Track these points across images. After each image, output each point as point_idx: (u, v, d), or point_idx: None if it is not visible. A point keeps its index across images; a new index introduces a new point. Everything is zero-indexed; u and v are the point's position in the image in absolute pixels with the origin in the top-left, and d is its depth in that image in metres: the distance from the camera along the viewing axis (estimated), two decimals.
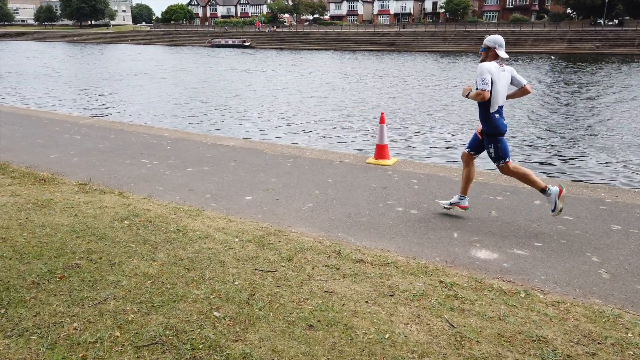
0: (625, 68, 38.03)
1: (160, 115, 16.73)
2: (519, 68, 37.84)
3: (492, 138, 4.62)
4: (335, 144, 12.27)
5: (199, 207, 5.26)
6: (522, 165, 6.90)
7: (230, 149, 8.23)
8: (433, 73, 34.34)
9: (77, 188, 5.65)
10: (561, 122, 15.50)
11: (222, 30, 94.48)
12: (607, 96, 22.14)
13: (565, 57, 55.47)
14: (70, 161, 7.19)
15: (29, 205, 4.79)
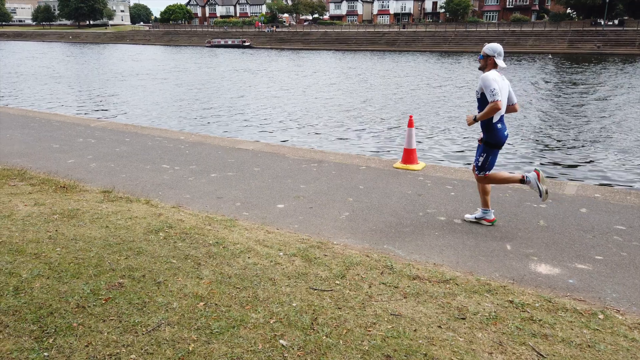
0: (630, 68, 37.87)
1: (168, 117, 16.47)
2: (522, 69, 37.69)
3: (489, 148, 4.60)
4: (350, 146, 12.04)
5: (231, 216, 5.02)
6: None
7: (251, 152, 7.99)
8: (437, 73, 34.14)
9: (102, 196, 5.40)
10: (575, 124, 15.30)
11: (222, 30, 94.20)
12: (618, 97, 21.94)
13: (567, 57, 55.35)
14: (88, 166, 6.94)
15: (55, 216, 4.54)
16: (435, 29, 78.78)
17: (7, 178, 5.98)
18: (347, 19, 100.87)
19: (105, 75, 32.34)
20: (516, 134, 13.67)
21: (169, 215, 4.79)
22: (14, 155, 7.45)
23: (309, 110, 17.96)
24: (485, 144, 4.59)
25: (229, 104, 19.43)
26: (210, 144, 8.69)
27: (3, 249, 3.69)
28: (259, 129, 14.37)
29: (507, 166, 10.36)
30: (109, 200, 5.25)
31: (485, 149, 4.59)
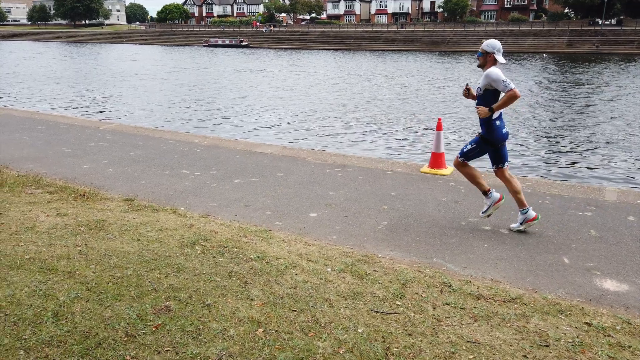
0: (632, 67, 37.77)
1: (173, 118, 16.18)
2: (522, 68, 37.56)
3: (483, 143, 4.57)
4: (363, 148, 11.79)
5: (264, 226, 4.76)
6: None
7: (270, 157, 7.73)
8: (440, 73, 33.94)
9: (125, 205, 5.13)
10: (585, 124, 15.10)
11: (219, 29, 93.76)
12: (626, 97, 21.76)
13: (566, 57, 55.29)
14: (105, 172, 6.66)
15: (82, 228, 4.27)
16: (434, 28, 78.63)
17: (23, 185, 5.70)
18: (344, 18, 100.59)
19: (104, 75, 31.98)
20: (528, 134, 13.47)
21: (200, 226, 4.52)
22: (26, 160, 7.16)
23: (316, 110, 17.69)
24: (481, 138, 4.56)
25: (233, 105, 19.15)
26: (226, 147, 8.42)
27: (33, 266, 3.42)
28: (268, 131, 14.10)
29: (526, 164, 10.13)
30: (133, 209, 4.98)
31: (479, 141, 4.57)
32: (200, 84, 26.81)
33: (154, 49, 73.24)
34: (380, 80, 29.06)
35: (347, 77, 30.98)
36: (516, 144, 12.31)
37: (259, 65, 41.74)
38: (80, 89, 24.50)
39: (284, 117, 16.25)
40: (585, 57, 51.65)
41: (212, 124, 15.11)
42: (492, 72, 4.30)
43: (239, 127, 14.68)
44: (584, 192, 5.90)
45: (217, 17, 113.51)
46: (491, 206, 4.70)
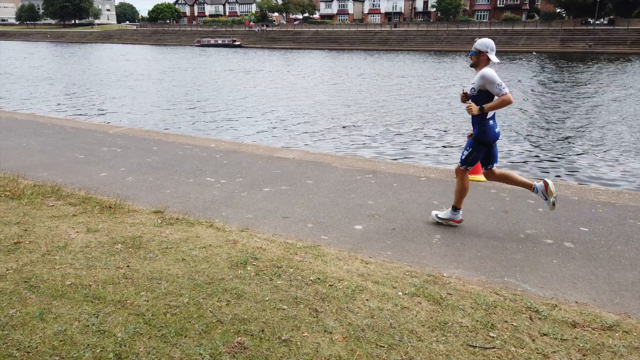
0: (630, 67, 37.83)
1: (176, 120, 15.77)
2: (519, 68, 37.49)
3: (477, 144, 4.52)
4: (377, 151, 11.48)
5: (311, 241, 4.42)
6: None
7: (294, 162, 7.38)
8: (439, 73, 33.75)
9: (156, 217, 4.77)
10: (594, 124, 14.91)
11: (211, 29, 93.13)
12: (633, 97, 21.66)
13: (560, 56, 55.44)
14: (125, 181, 6.28)
15: (118, 246, 3.91)
16: (427, 28, 78.61)
17: (42, 196, 5.32)
18: (338, 18, 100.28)
19: (99, 75, 31.41)
20: (532, 134, 13.24)
21: (244, 242, 4.18)
22: (38, 168, 6.76)
23: (321, 112, 17.35)
24: (474, 140, 4.51)
25: (235, 106, 18.76)
26: (245, 152, 8.06)
27: (77, 294, 3.06)
28: (274, 133, 13.74)
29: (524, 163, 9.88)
30: (167, 223, 4.62)
31: (473, 144, 4.52)
32: (198, 85, 26.37)
33: (146, 49, 72.50)
34: (381, 81, 28.79)
35: (347, 77, 30.68)
36: (523, 144, 12.07)
37: (254, 66, 41.33)
38: (75, 90, 23.97)
39: (289, 119, 15.90)
40: (578, 57, 51.79)
41: (218, 126, 14.73)
42: (488, 73, 4.24)
43: (244, 129, 14.31)
44: (633, 199, 5.63)
45: (209, 16, 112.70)
46: (545, 195, 4.56)
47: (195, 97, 21.21)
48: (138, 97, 21.21)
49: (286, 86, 25.90)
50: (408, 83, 27.51)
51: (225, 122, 15.37)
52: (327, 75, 32.45)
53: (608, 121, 15.61)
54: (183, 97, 21.20)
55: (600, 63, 42.39)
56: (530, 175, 9.45)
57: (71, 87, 25.17)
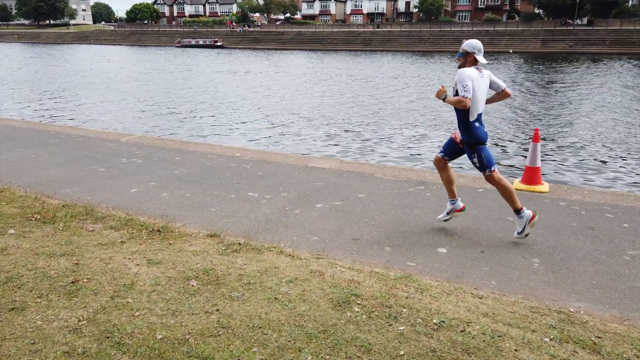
0: (619, 66, 38.20)
1: (178, 126, 15.10)
2: (502, 68, 37.57)
3: (473, 147, 4.42)
4: (392, 157, 11.04)
5: (400, 270, 3.94)
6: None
7: (332, 173, 6.87)
8: (430, 74, 33.56)
9: (215, 243, 4.23)
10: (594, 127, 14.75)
11: (192, 30, 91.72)
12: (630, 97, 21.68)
13: (541, 56, 55.95)
14: (160, 197, 5.70)
15: (193, 283, 3.37)
16: (410, 28, 78.66)
17: (77, 219, 4.72)
18: (320, 18, 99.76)
19: (84, 78, 30.33)
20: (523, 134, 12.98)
21: (329, 273, 3.67)
22: (59, 184, 6.11)
23: (324, 115, 16.84)
24: (467, 146, 4.43)
25: (232, 110, 18.12)
26: (275, 161, 7.52)
27: (178, 354, 2.52)
28: (281, 138, 13.18)
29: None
30: (231, 249, 4.08)
31: (472, 149, 4.43)
32: (187, 88, 25.59)
33: (126, 50, 70.96)
34: (375, 82, 28.40)
35: (340, 79, 30.22)
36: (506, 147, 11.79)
37: (241, 67, 40.57)
38: (61, 93, 22.99)
39: (294, 123, 15.35)
40: (559, 57, 52.30)
41: (219, 131, 14.10)
42: (461, 72, 4.20)
43: (252, 134, 13.72)
44: None
45: (188, 17, 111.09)
46: (527, 224, 4.44)
47: (190, 99, 20.50)
48: (129, 101, 20.40)
49: (279, 89, 25.31)
50: (399, 85, 27.19)
51: (230, 126, 14.75)
52: (319, 76, 31.95)
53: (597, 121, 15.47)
54: (178, 101, 20.47)
55: (587, 63, 42.76)
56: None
57: (55, 90, 24.16)
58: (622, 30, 66.06)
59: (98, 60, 47.34)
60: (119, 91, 23.74)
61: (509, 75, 31.58)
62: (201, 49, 73.62)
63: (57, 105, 19.10)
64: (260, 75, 32.53)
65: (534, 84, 26.98)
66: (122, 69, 37.62)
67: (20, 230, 4.30)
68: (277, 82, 28.46)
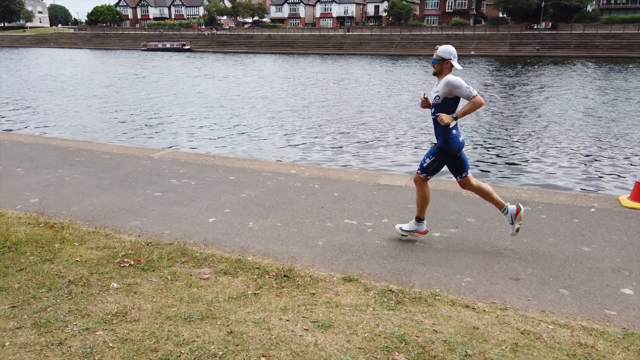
0: (590, 70, 39.00)
1: (176, 135, 14.12)
2: (472, 72, 37.83)
3: (440, 154, 4.35)
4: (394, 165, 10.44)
5: (614, 325, 3.30)
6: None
7: (409, 190, 6.17)
8: (408, 78, 33.35)
9: (359, 289, 3.56)
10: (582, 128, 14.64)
11: (158, 32, 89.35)
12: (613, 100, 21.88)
13: (510, 59, 56.92)
14: (248, 228, 4.89)
15: (400, 358, 2.63)
16: (381, 32, 78.90)
17: (176, 262, 3.90)
18: (289, 21, 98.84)
19: (55, 84, 28.62)
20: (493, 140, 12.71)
21: (546, 332, 3.00)
22: (119, 214, 5.21)
23: (319, 124, 16.16)
24: (438, 149, 4.35)
25: (222, 116, 17.22)
26: (341, 178, 6.80)
27: None
28: (297, 149, 12.42)
29: None
30: (390, 299, 3.37)
31: (437, 153, 4.35)
32: (166, 93, 24.42)
33: (89, 54, 68.35)
34: (359, 87, 27.91)
35: (325, 83, 29.59)
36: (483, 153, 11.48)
37: (215, 71, 39.33)
38: (27, 103, 21.47)
39: (292, 133, 14.60)
40: (531, 60, 53.31)
41: (226, 143, 13.23)
42: (454, 79, 4.11)
43: (251, 144, 12.91)
44: None
45: (153, 19, 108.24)
46: (513, 220, 4.42)
47: (173, 106, 19.44)
48: (111, 108, 19.16)
49: (262, 93, 24.44)
50: (382, 88, 26.79)
51: (227, 139, 13.89)
52: (303, 80, 31.20)
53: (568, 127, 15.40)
54: (162, 107, 19.38)
55: (560, 66, 43.57)
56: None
57: (22, 99, 22.58)
58: (585, 34, 68.08)
59: (62, 65, 45.07)
60: (99, 98, 22.39)
61: (479, 79, 31.69)
62: (169, 53, 71.76)
63: (31, 116, 17.71)
64: (244, 80, 31.54)
65: (507, 87, 27.06)
66: (94, 73, 35.89)
67: (123, 283, 3.45)
68: (266, 86, 27.58)
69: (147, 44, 78.96)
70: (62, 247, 4.04)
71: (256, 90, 25.81)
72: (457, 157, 4.38)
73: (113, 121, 16.27)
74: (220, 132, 14.53)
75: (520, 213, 4.40)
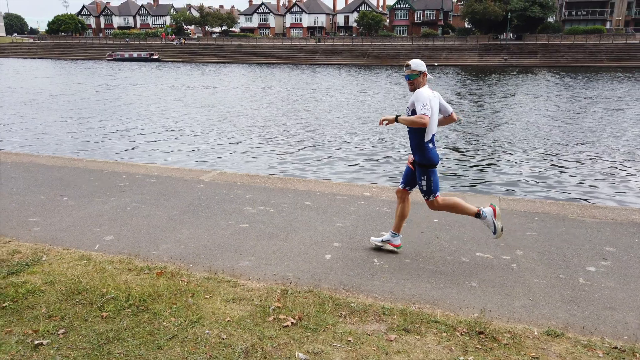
0: (562, 78, 39.89)
1: (173, 151, 13.32)
2: (444, 80, 38.19)
3: (425, 169, 4.27)
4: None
5: None
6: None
7: (506, 213, 5.74)
8: (388, 87, 33.28)
9: (570, 348, 2.98)
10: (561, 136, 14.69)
11: (123, 42, 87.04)
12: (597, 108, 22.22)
13: (479, 69, 58.00)
14: (374, 266, 4.29)
15: None
16: (352, 42, 79.15)
17: (332, 315, 3.32)
18: (259, 31, 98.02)
19: (20, 97, 27.04)
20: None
21: None
22: (217, 252, 4.52)
23: (317, 136, 15.64)
24: (420, 166, 4.26)
25: (209, 130, 16.47)
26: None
27: None
28: (272, 162, 11.84)
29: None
30: None
31: (422, 171, 4.26)
32: (147, 105, 23.39)
33: (51, 64, 65.71)
34: (343, 97, 27.54)
35: (308, 94, 29.08)
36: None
37: (191, 82, 38.18)
38: (9, 118, 20.13)
39: (283, 145, 14.04)
40: (499, 69, 54.42)
41: (225, 157, 12.53)
42: (421, 92, 4.08)
43: (281, 159, 12.28)
44: None
45: (117, 28, 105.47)
46: (494, 220, 4.37)
47: (170, 121, 18.55)
48: (85, 122, 18.10)
49: (245, 105, 23.74)
50: (369, 98, 26.53)
51: (210, 150, 13.20)
52: (284, 91, 30.53)
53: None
54: (149, 121, 18.45)
55: (530, 75, 44.47)
56: None
57: (7, 115, 21.17)
58: (549, 45, 70.17)
59: (26, 77, 42.80)
60: (74, 110, 21.16)
61: (453, 88, 31.92)
62: (137, 63, 69.90)
63: (16, 133, 16.50)
64: (224, 90, 30.68)
65: (477, 96, 27.29)
66: (68, 85, 34.24)
67: (306, 351, 2.83)
68: (239, 97, 26.84)
69: (113, 54, 76.77)
70: (197, 303, 3.36)
71: (256, 102, 25.05)
72: (420, 167, 4.30)
73: (112, 137, 15.28)
74: (243, 147, 13.80)
75: (497, 211, 4.37)
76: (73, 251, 4.34)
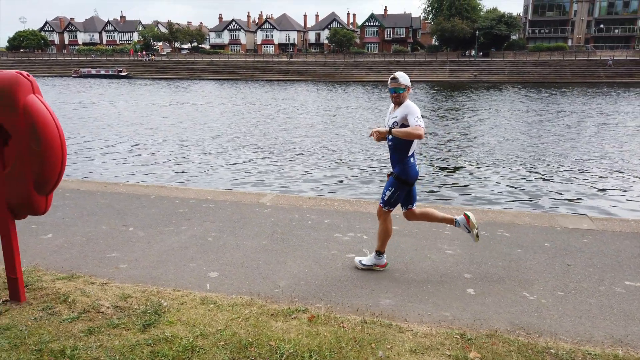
0: (529, 93, 40.84)
1: (174, 173, 12.70)
2: (426, 96, 38.61)
3: (399, 183, 4.23)
4: None
5: None
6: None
7: (601, 234, 5.45)
8: (365, 104, 33.30)
9: None
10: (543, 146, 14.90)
11: (89, 58, 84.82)
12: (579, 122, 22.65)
13: (450, 85, 59.14)
14: (532, 302, 3.88)
15: None
16: (325, 59, 79.45)
17: None
18: (229, 48, 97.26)
19: None
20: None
21: None
22: (345, 288, 4.02)
23: (312, 150, 15.30)
24: (395, 178, 4.23)
25: (203, 148, 15.93)
26: (514, 223, 5.92)
27: None
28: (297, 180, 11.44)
29: None
30: None
31: (396, 183, 4.23)
32: (134, 124, 22.56)
33: None
34: (339, 113, 27.30)
35: (288, 110, 28.70)
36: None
37: (170, 99, 37.15)
38: None
39: (258, 161, 13.64)
40: (469, 85, 55.56)
41: (197, 173, 12.01)
42: (411, 105, 4.09)
43: (289, 178, 11.81)
44: None
45: (82, 44, 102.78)
46: (467, 228, 4.41)
47: (160, 140, 17.83)
48: (95, 143, 17.24)
49: (230, 123, 23.20)
50: (349, 115, 26.39)
51: (225, 172, 12.68)
52: (266, 108, 30.05)
53: None
54: (137, 137, 17.70)
55: (502, 91, 45.44)
56: None
57: None
58: (516, 61, 72.21)
59: None
60: (65, 130, 20.18)
61: (431, 104, 32.25)
62: (105, 79, 68.12)
63: None
64: (205, 107, 29.94)
65: (449, 111, 27.63)
66: None
67: None
68: (223, 115, 26.25)
69: (79, 71, 74.63)
70: (388, 356, 2.86)
71: (245, 118, 24.45)
72: (411, 188, 4.29)
73: (116, 156, 14.47)
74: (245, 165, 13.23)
75: (471, 219, 4.34)
76: (187, 293, 3.76)
